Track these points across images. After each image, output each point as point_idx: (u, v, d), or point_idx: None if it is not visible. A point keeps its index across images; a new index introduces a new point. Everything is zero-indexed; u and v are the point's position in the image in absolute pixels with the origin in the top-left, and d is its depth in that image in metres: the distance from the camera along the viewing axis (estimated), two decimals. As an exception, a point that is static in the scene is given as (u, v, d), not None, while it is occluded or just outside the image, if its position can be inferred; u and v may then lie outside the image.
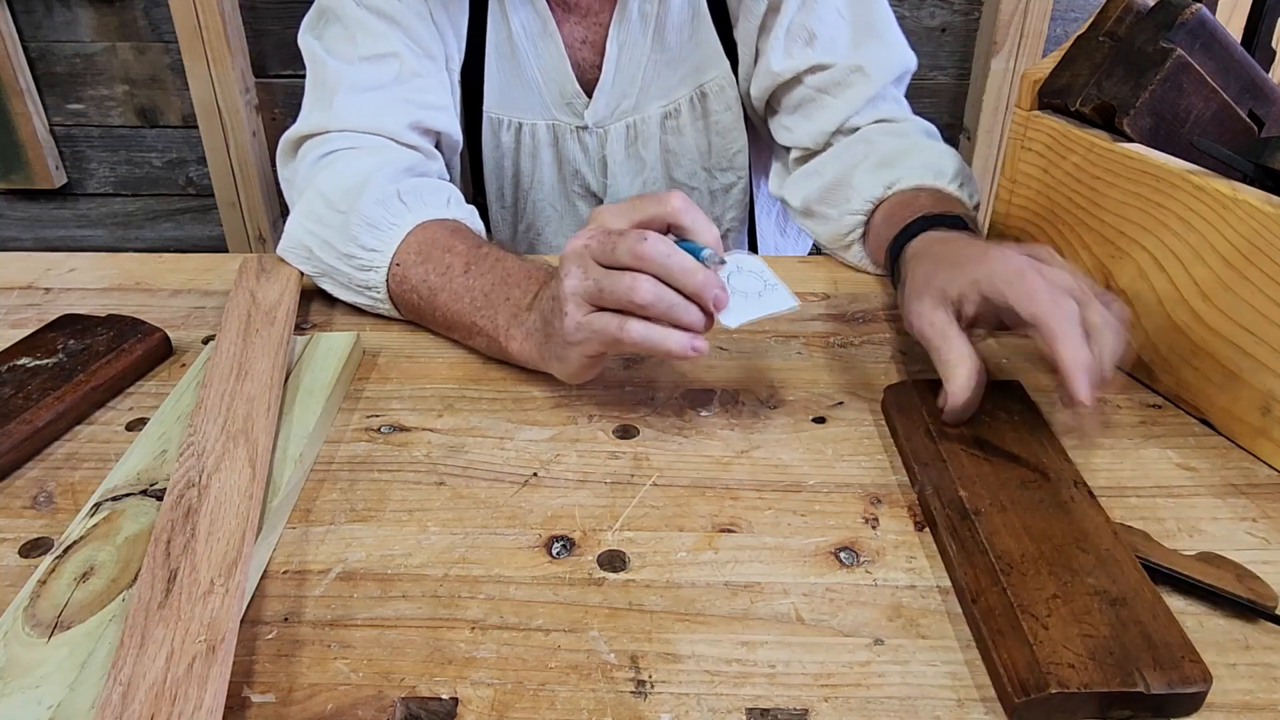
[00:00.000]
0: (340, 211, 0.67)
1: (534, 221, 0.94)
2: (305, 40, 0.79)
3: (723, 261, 0.53)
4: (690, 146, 0.90)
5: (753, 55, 0.84)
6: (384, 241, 0.66)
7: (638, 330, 0.51)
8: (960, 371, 0.51)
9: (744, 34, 0.83)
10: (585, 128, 0.88)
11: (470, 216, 0.71)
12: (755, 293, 0.53)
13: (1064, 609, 0.40)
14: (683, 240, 0.53)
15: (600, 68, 0.85)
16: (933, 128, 0.81)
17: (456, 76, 0.84)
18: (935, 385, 0.56)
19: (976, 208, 0.74)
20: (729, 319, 0.52)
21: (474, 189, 0.93)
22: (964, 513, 0.46)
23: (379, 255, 0.66)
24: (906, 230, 0.63)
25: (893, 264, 0.64)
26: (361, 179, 0.68)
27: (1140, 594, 0.41)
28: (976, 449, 0.51)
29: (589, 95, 0.86)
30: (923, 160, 0.72)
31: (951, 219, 0.63)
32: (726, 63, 0.85)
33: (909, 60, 0.82)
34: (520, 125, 0.88)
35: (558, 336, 0.54)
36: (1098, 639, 0.39)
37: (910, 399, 0.55)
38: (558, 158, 0.90)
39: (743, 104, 0.88)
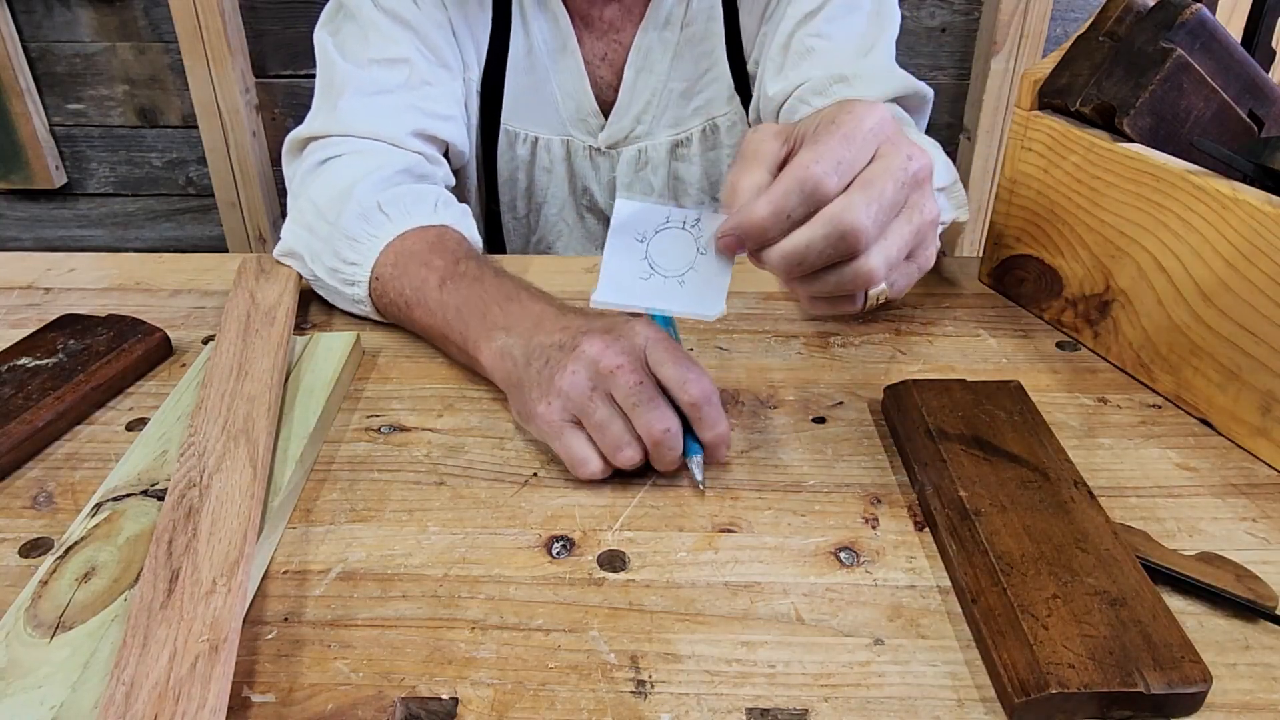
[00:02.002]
0: (328, 222, 0.67)
1: (545, 234, 0.95)
2: (320, 35, 0.78)
3: (701, 479, 0.50)
4: (699, 176, 0.89)
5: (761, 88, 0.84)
6: (363, 255, 0.66)
7: (593, 474, 0.50)
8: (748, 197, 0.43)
9: (757, 66, 0.83)
10: (598, 149, 0.88)
11: (460, 218, 0.70)
12: (676, 276, 0.46)
13: (1064, 609, 0.40)
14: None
15: (616, 88, 0.85)
16: (929, 141, 0.76)
17: (476, 87, 0.84)
18: (935, 385, 0.56)
19: (957, 229, 0.72)
20: (608, 295, 0.45)
21: (487, 199, 0.93)
22: (964, 513, 0.46)
23: (359, 269, 0.66)
24: None
25: None
26: (348, 186, 0.68)
27: (1140, 594, 0.41)
28: (976, 449, 0.51)
29: (605, 116, 0.86)
30: None
31: None
32: (738, 99, 0.85)
33: (910, 82, 0.77)
34: (536, 139, 0.88)
35: (531, 403, 0.51)
36: (1098, 639, 0.39)
37: (910, 399, 0.55)
38: (570, 173, 0.90)
39: None
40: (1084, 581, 0.42)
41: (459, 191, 0.93)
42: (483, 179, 0.91)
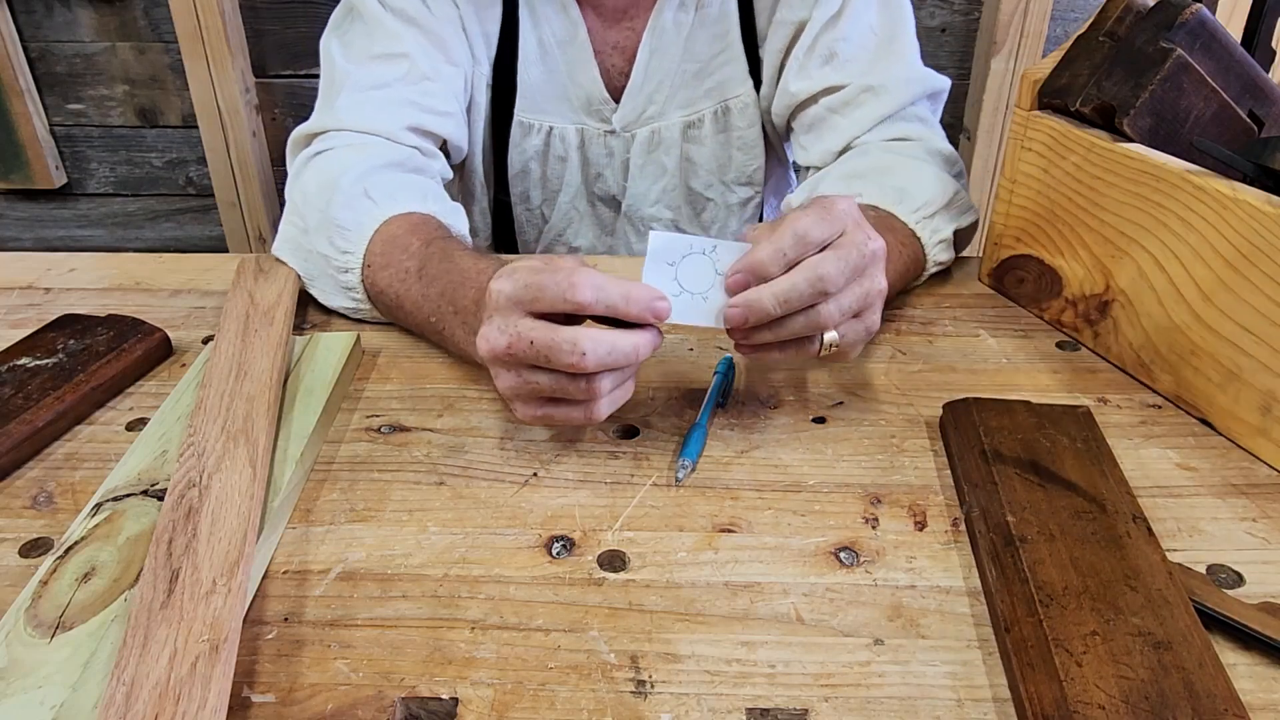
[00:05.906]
0: (318, 209, 0.68)
1: (558, 223, 0.95)
2: (326, 40, 0.80)
3: (681, 479, 0.52)
4: (709, 158, 0.90)
5: (775, 74, 0.84)
6: (353, 243, 0.66)
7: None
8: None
9: (769, 53, 0.84)
10: (612, 132, 0.88)
11: (450, 214, 0.70)
12: (701, 294, 0.51)
13: (1102, 647, 0.39)
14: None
15: (629, 75, 0.85)
16: (949, 151, 0.77)
17: (487, 80, 0.85)
18: (998, 405, 0.54)
19: (971, 229, 0.73)
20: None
21: (497, 191, 0.93)
22: (1008, 538, 0.45)
23: (352, 257, 0.66)
24: None
25: None
26: (337, 176, 0.68)
27: (1189, 640, 0.39)
28: (1032, 474, 0.49)
29: (616, 100, 0.87)
30: (896, 182, 0.69)
31: None
32: (751, 81, 0.86)
33: (932, 82, 0.79)
34: (550, 129, 0.88)
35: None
36: (1134, 681, 0.37)
37: (969, 418, 0.54)
38: (584, 160, 0.91)
39: (763, 122, 0.88)
40: (1129, 621, 0.40)
41: (464, 186, 0.93)
42: (492, 172, 0.92)
